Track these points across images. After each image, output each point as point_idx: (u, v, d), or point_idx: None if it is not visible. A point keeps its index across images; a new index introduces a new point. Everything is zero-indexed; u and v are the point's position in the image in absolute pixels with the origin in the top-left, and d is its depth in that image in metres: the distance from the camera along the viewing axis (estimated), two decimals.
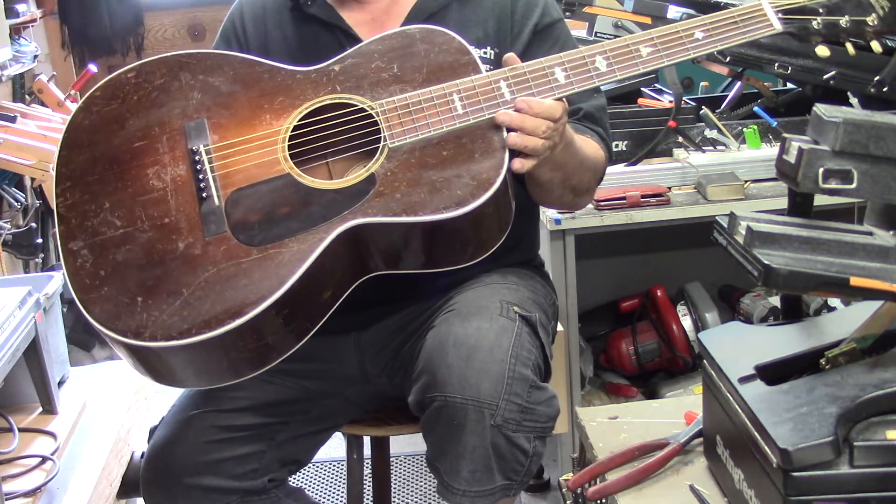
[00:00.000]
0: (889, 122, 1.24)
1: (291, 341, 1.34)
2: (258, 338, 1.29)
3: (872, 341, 1.28)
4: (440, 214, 1.31)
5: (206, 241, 1.32)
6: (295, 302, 1.29)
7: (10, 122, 2.54)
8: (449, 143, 1.37)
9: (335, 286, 1.35)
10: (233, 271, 1.29)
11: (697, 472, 1.43)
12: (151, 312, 1.27)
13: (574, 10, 2.49)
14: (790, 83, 2.68)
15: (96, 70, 2.86)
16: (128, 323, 1.27)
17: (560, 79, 1.41)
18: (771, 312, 2.46)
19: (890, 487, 1.14)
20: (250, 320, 1.26)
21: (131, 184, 1.38)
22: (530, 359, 1.40)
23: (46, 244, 3.18)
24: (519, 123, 1.36)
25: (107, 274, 1.31)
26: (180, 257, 1.31)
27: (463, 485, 1.36)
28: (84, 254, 1.33)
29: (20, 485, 1.64)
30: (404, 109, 1.40)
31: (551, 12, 1.62)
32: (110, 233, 1.34)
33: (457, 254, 1.39)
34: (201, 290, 1.28)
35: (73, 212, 1.36)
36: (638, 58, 1.43)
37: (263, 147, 1.40)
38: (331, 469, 2.73)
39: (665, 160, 2.42)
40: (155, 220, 1.34)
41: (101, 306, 1.29)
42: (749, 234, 1.24)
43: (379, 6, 1.60)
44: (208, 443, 1.48)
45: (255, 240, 1.32)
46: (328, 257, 1.31)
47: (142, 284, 1.29)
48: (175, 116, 1.42)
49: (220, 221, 1.33)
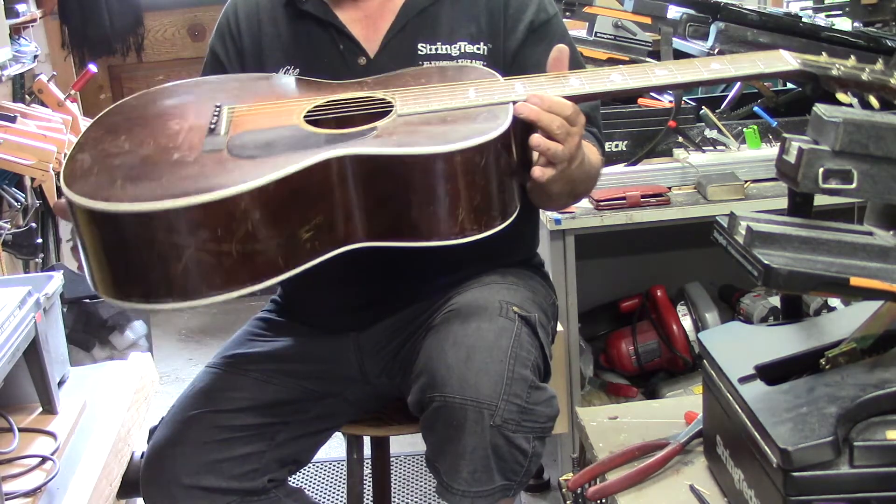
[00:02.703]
0: (889, 122, 1.24)
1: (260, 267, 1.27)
2: (222, 235, 1.23)
3: (872, 341, 1.28)
4: (428, 149, 1.28)
5: (200, 154, 1.32)
6: (268, 211, 1.25)
7: (10, 122, 2.55)
8: (455, 114, 1.37)
9: (316, 230, 1.29)
10: (216, 170, 1.28)
11: (697, 472, 1.43)
12: (127, 189, 1.26)
13: (574, 10, 2.49)
14: (790, 83, 2.68)
15: (96, 70, 2.86)
16: (101, 193, 1.25)
17: (574, 83, 1.41)
18: (771, 312, 2.46)
19: (890, 487, 1.14)
20: (218, 201, 1.22)
21: (150, 129, 1.41)
22: (529, 359, 1.39)
23: (46, 244, 3.18)
24: (535, 116, 1.35)
25: (99, 170, 1.31)
26: (171, 162, 1.32)
27: (462, 485, 1.36)
28: (86, 160, 1.34)
29: (20, 485, 1.64)
30: (421, 93, 1.41)
31: (546, 8, 1.62)
32: (115, 150, 1.36)
33: (446, 217, 1.32)
34: (180, 179, 1.27)
35: (90, 140, 1.39)
36: (653, 75, 1.43)
37: (283, 109, 1.42)
38: (331, 469, 2.73)
39: (665, 160, 2.42)
40: (161, 144, 1.36)
41: (82, 186, 1.27)
42: (749, 234, 1.24)
43: (372, 3, 1.60)
44: (208, 443, 1.48)
45: (245, 154, 1.32)
46: (311, 182, 1.28)
47: (127, 175, 1.29)
48: (208, 100, 1.48)
49: (220, 144, 1.34)
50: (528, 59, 1.57)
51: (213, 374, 1.58)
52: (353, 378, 1.62)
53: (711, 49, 2.35)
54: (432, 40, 1.57)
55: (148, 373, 2.28)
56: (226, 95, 1.49)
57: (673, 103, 2.42)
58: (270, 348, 1.62)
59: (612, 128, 2.37)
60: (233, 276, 1.25)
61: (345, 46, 1.59)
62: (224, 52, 1.67)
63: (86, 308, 3.00)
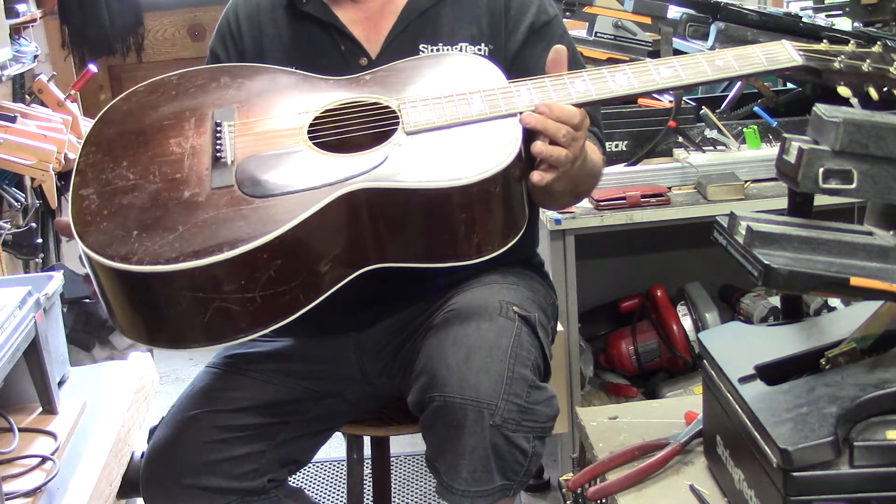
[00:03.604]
0: (889, 122, 1.24)
1: (282, 307, 1.30)
2: (245, 284, 1.25)
3: (872, 341, 1.28)
4: (445, 183, 1.30)
5: (210, 191, 1.33)
6: (288, 255, 1.27)
7: (10, 122, 2.55)
8: (463, 133, 1.38)
9: (334, 262, 1.32)
10: (231, 215, 1.29)
11: (697, 472, 1.43)
12: (144, 243, 1.26)
13: (574, 10, 2.49)
14: (790, 83, 2.68)
15: (96, 70, 2.86)
16: (118, 249, 1.26)
17: (579, 87, 1.41)
18: (771, 312, 2.46)
19: (890, 487, 1.14)
20: (240, 256, 1.23)
21: (152, 148, 1.40)
22: (529, 359, 1.40)
23: (46, 244, 3.18)
24: (542, 126, 1.36)
25: (109, 213, 1.31)
26: (183, 203, 1.31)
27: (462, 485, 1.36)
28: (92, 198, 1.34)
29: (20, 485, 1.64)
30: (424, 103, 1.41)
31: (547, 9, 1.62)
32: (121, 183, 1.35)
33: (462, 242, 1.35)
34: (197, 227, 1.27)
35: (91, 167, 1.39)
36: (658, 75, 1.43)
37: (285, 126, 1.42)
38: (331, 469, 2.73)
39: (665, 160, 2.42)
40: (167, 175, 1.36)
41: (96, 237, 1.28)
42: (749, 234, 1.24)
43: (373, 4, 1.60)
44: (208, 443, 1.48)
45: (258, 192, 1.32)
46: (329, 218, 1.29)
47: (140, 223, 1.29)
48: (207, 105, 1.47)
49: (229, 177, 1.34)
50: (529, 59, 1.57)
51: (213, 373, 1.58)
52: (354, 378, 1.62)
53: (711, 49, 2.35)
54: (434, 41, 1.57)
55: (148, 373, 2.27)
56: (219, 99, 1.48)
57: (673, 103, 2.42)
58: (270, 348, 1.62)
59: (613, 128, 2.37)
60: (257, 318, 1.28)
61: (346, 47, 1.59)
62: (225, 54, 1.67)
63: (86, 308, 2.99)
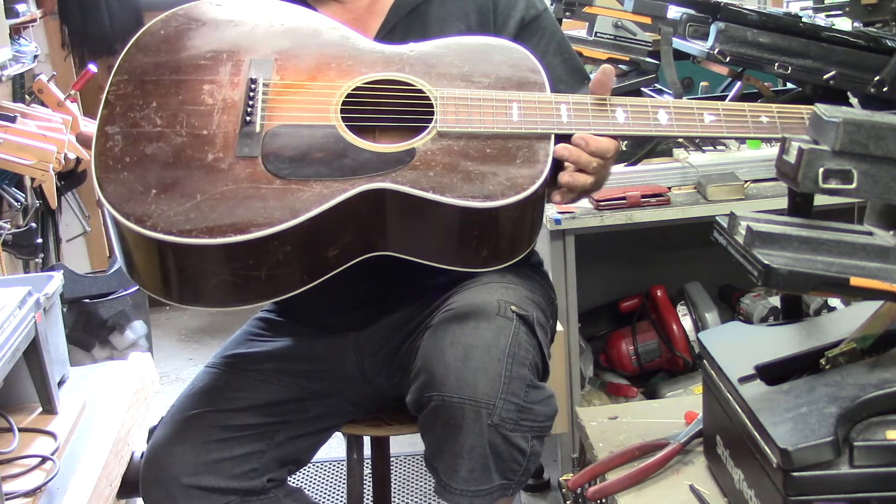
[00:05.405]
0: (889, 122, 1.23)
1: (283, 285, 1.33)
2: (253, 264, 1.28)
3: (872, 341, 1.27)
4: (465, 202, 1.31)
5: (234, 160, 1.33)
6: (299, 242, 1.29)
7: (10, 122, 2.55)
8: (495, 144, 1.38)
9: (342, 248, 1.34)
10: (250, 193, 1.29)
11: (697, 472, 1.43)
12: (160, 206, 1.28)
13: (574, 10, 2.49)
14: (790, 83, 2.68)
15: (96, 70, 2.86)
16: (134, 208, 1.27)
17: (619, 118, 1.42)
18: (771, 312, 2.46)
19: (890, 487, 1.14)
20: (251, 241, 1.25)
21: (184, 93, 1.40)
22: (528, 358, 1.39)
23: (46, 244, 3.18)
24: (575, 158, 1.38)
25: (131, 161, 1.32)
26: (205, 167, 1.32)
27: (461, 484, 1.36)
28: (117, 138, 1.34)
29: (20, 485, 1.64)
30: (462, 102, 1.41)
31: (535, 3, 1.62)
32: (148, 128, 1.35)
33: (470, 253, 1.38)
34: (214, 200, 1.28)
35: (120, 100, 1.38)
36: (699, 122, 1.44)
37: (319, 97, 1.41)
38: (331, 469, 2.73)
39: (665, 160, 2.42)
40: (194, 128, 1.36)
41: (115, 187, 1.29)
42: (749, 234, 1.24)
43: (360, 5, 1.60)
44: (207, 443, 1.48)
45: (281, 172, 1.32)
46: (345, 211, 1.30)
47: (160, 180, 1.30)
48: (246, 48, 1.46)
49: (255, 146, 1.34)
50: None
51: (212, 373, 1.58)
52: (353, 378, 1.62)
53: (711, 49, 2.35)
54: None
55: (148, 373, 2.28)
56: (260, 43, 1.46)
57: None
58: (270, 348, 1.62)
59: None
60: (259, 292, 1.33)
61: None
62: None
63: (86, 308, 3.00)
